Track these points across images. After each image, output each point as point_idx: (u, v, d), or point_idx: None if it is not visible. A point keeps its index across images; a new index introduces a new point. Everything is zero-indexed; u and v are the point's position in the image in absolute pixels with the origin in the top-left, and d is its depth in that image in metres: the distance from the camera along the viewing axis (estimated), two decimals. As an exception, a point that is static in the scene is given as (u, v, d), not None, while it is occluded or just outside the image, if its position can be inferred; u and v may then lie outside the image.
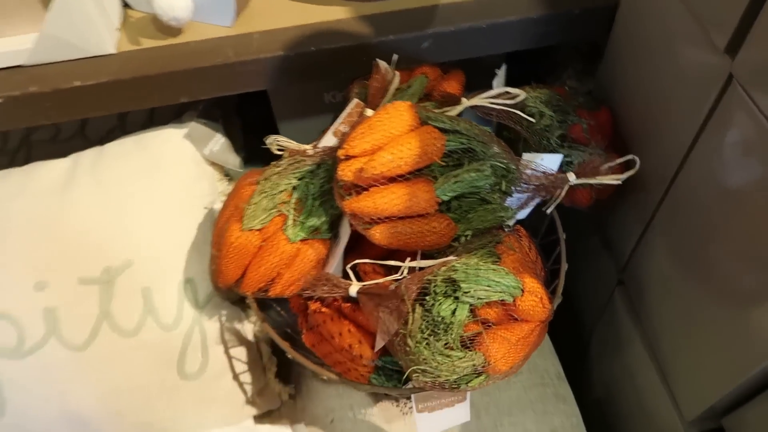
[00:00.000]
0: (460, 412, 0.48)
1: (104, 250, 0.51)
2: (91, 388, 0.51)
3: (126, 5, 0.53)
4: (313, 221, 0.47)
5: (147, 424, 0.54)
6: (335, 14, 0.53)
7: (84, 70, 0.49)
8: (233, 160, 0.60)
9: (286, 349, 0.48)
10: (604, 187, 0.53)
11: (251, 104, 0.69)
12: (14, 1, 0.48)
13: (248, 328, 0.58)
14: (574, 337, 0.73)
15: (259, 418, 0.60)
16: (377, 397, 0.61)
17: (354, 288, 0.43)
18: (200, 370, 0.54)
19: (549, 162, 0.51)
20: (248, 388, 0.58)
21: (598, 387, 0.69)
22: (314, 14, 0.53)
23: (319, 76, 0.54)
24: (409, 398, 0.59)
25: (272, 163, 0.49)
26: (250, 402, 0.59)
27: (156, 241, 0.53)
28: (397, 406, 0.60)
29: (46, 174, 0.54)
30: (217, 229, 0.48)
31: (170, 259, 0.53)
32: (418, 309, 0.39)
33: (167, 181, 0.54)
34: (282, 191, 0.47)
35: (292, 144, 0.50)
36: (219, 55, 0.50)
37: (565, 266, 0.52)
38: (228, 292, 0.57)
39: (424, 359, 0.38)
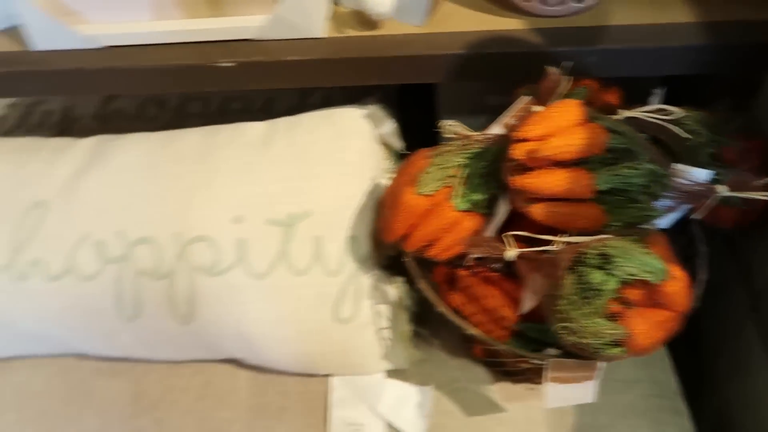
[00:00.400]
0: (586, 391, 0.52)
1: (290, 200, 0.61)
2: (263, 314, 0.61)
3: (335, 2, 0.63)
4: (476, 196, 0.53)
5: (302, 353, 0.63)
6: (513, 25, 0.60)
7: (300, 48, 0.59)
8: (398, 144, 0.68)
9: (436, 303, 0.55)
10: (751, 209, 0.55)
11: (407, 104, 0.78)
12: (254, -12, 0.59)
13: (392, 292, 0.65)
14: (695, 361, 0.73)
15: (390, 375, 0.67)
16: (498, 376, 0.66)
17: (512, 252, 0.49)
18: (350, 318, 0.62)
19: (698, 175, 0.54)
20: (385, 344, 0.65)
21: (713, 412, 0.69)
22: (494, 23, 0.60)
23: (488, 77, 0.61)
24: (530, 380, 0.63)
25: (443, 143, 0.56)
26: (384, 358, 0.65)
27: (333, 199, 0.61)
28: (517, 386, 0.64)
29: (249, 131, 0.65)
30: (391, 191, 0.56)
31: (342, 216, 0.61)
32: (571, 275, 0.44)
33: (348, 150, 0.63)
34: (452, 167, 0.54)
35: (464, 129, 0.57)
36: (410, 48, 0.58)
37: (704, 275, 0.55)
38: (381, 256, 0.65)
39: (573, 319, 0.43)
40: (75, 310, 0.62)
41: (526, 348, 0.52)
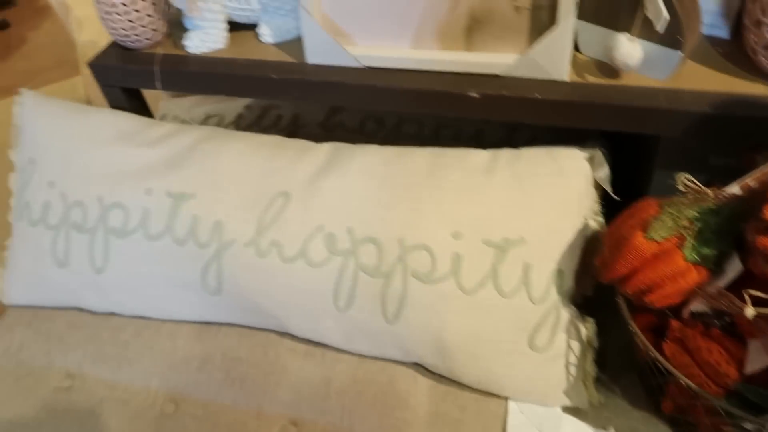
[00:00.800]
0: (801, 466, 0.50)
1: (507, 224, 0.65)
2: (464, 327, 0.64)
3: (576, 50, 0.68)
4: (706, 251, 0.54)
5: (488, 371, 0.66)
6: (760, 90, 0.61)
7: (544, 88, 0.64)
8: (609, 188, 0.70)
9: (648, 347, 0.56)
10: None
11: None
12: (506, 31, 0.64)
13: (583, 330, 0.67)
14: None
15: (565, 411, 0.68)
16: (683, 437, 0.64)
17: (751, 311, 0.49)
18: (544, 347, 0.64)
19: None
20: (570, 380, 0.66)
21: None
22: (739, 86, 0.61)
23: (728, 138, 0.62)
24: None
25: (677, 195, 0.58)
26: (566, 393, 0.67)
27: (547, 231, 0.65)
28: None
29: (474, 157, 0.70)
30: (616, 232, 0.58)
31: (552, 249, 0.64)
32: (822, 343, 0.44)
33: (567, 188, 0.66)
34: (684, 218, 0.55)
35: (697, 185, 0.58)
36: (652, 101, 0.61)
37: None
38: (577, 294, 0.67)
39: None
40: (297, 291, 0.69)
41: (740, 410, 0.52)
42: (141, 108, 0.86)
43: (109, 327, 0.82)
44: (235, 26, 0.79)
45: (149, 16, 0.75)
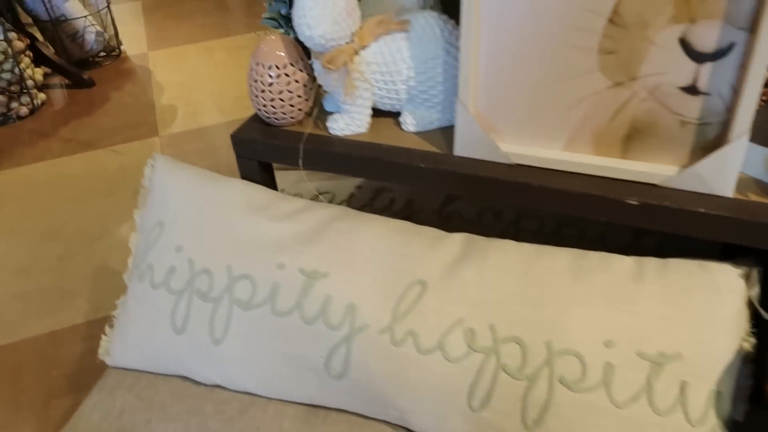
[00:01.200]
0: None
1: (662, 337, 0.62)
2: (614, 444, 0.61)
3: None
4: None
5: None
6: None
7: (707, 202, 0.63)
8: (760, 309, 0.68)
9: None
10: None
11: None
12: (668, 143, 0.65)
13: (736, 459, 0.62)
14: None
15: None
16: None
17: None
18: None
19: None
20: None
21: None
22: None
23: None
24: None
25: None
26: None
27: (705, 349, 0.62)
28: None
29: (618, 263, 0.68)
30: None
31: (711, 369, 0.61)
32: None
33: (722, 304, 0.64)
34: None
35: None
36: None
37: None
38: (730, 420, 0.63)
39: None
40: (429, 385, 0.67)
41: None
42: (270, 181, 0.87)
43: (214, 400, 0.79)
44: (374, 112, 0.81)
45: (299, 97, 0.78)
